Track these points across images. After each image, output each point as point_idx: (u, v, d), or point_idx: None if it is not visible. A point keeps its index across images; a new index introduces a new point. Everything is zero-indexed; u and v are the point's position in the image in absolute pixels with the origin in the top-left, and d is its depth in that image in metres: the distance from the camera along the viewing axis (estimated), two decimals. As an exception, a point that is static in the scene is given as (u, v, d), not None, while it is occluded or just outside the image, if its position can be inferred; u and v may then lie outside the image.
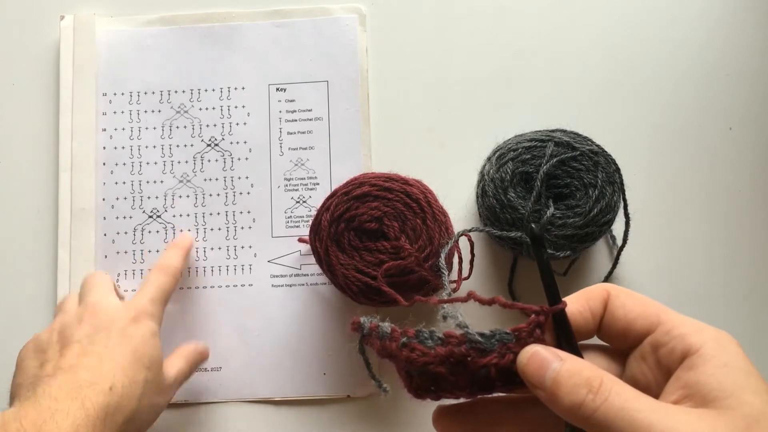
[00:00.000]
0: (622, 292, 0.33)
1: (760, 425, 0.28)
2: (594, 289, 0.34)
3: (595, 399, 0.29)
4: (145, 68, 0.61)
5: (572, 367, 0.30)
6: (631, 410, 0.28)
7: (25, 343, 0.50)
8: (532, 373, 0.31)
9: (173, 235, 0.59)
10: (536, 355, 0.31)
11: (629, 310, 0.32)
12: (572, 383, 0.29)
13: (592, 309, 0.33)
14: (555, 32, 0.61)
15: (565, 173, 0.53)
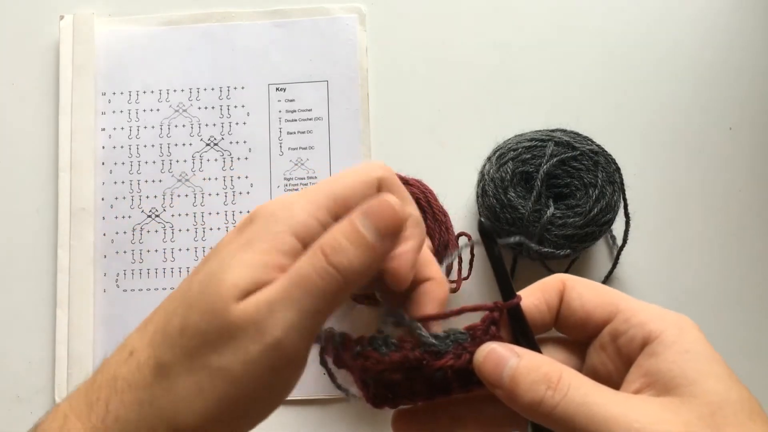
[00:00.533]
0: (578, 283, 0.32)
1: (724, 411, 0.27)
2: (549, 280, 0.33)
3: (554, 395, 0.28)
4: (144, 68, 0.61)
5: (530, 363, 0.29)
6: (592, 404, 0.27)
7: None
8: (489, 371, 0.30)
9: (172, 235, 0.59)
10: (492, 353, 0.30)
11: (586, 300, 0.32)
12: (530, 380, 0.29)
13: (548, 301, 0.32)
14: (555, 32, 0.61)
15: (565, 173, 0.53)
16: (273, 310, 0.28)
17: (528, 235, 0.51)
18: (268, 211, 0.30)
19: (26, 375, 0.58)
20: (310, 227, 0.29)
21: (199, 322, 0.28)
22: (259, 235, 0.29)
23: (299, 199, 0.30)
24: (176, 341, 0.29)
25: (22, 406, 0.57)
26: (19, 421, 0.57)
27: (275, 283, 0.28)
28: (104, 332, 0.57)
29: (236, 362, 0.28)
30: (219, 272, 0.29)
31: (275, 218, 0.30)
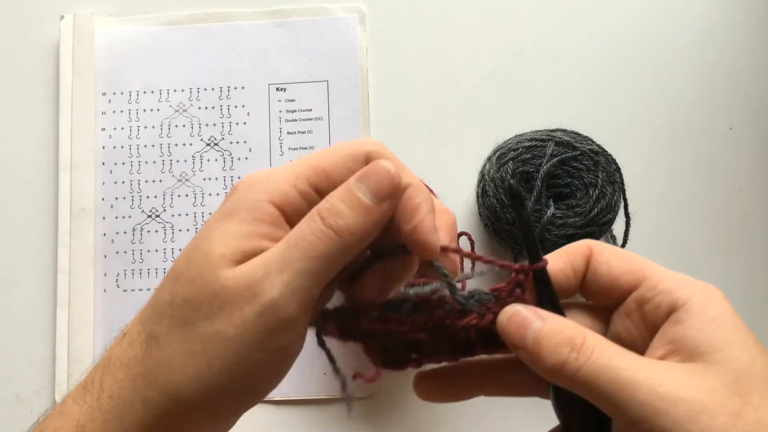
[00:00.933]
0: (605, 248, 0.32)
1: (749, 379, 0.27)
2: (576, 245, 0.33)
3: (578, 358, 0.28)
4: (144, 67, 0.61)
5: (554, 325, 0.29)
6: (616, 368, 0.27)
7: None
8: (513, 333, 0.30)
9: (172, 235, 0.59)
10: (516, 315, 0.30)
11: (613, 266, 0.31)
12: (554, 342, 0.29)
13: (574, 266, 0.32)
14: (555, 32, 0.61)
15: (565, 173, 0.53)
16: (269, 272, 0.28)
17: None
18: (248, 181, 0.30)
19: (26, 375, 0.58)
20: (288, 195, 0.29)
21: (188, 291, 0.28)
22: (239, 205, 0.29)
23: (279, 170, 0.30)
24: (165, 312, 0.29)
25: (22, 406, 0.57)
26: (19, 421, 0.57)
27: (273, 248, 0.28)
28: (104, 332, 0.57)
29: (229, 325, 0.28)
30: (204, 244, 0.29)
31: (253, 187, 0.30)
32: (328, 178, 0.30)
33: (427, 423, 0.56)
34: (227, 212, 0.30)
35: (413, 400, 0.56)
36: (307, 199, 0.30)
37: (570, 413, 0.31)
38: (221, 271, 0.28)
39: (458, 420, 0.56)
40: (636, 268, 0.31)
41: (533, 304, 0.31)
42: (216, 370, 0.28)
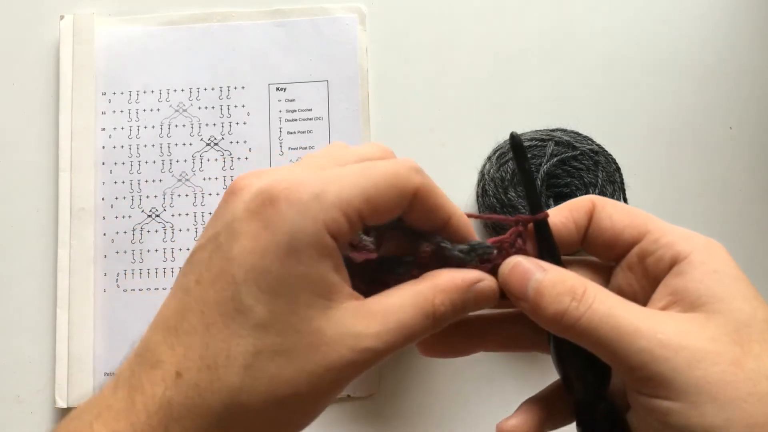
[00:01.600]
0: (608, 203, 0.32)
1: (750, 330, 0.27)
2: (578, 200, 0.33)
3: (578, 307, 0.28)
4: (144, 67, 0.61)
5: (555, 276, 0.29)
6: (617, 316, 0.28)
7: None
8: (515, 283, 0.30)
9: (172, 235, 0.59)
10: (518, 266, 0.30)
11: (616, 220, 0.31)
12: (555, 292, 0.29)
13: (576, 220, 0.32)
14: (555, 32, 0.61)
15: (565, 173, 0.53)
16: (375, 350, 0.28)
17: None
18: (294, 197, 0.27)
19: (26, 375, 0.58)
20: (341, 226, 0.27)
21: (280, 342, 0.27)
22: (299, 237, 0.27)
23: (329, 188, 0.27)
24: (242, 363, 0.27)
25: (22, 406, 0.57)
26: (19, 421, 0.57)
27: (379, 321, 0.28)
28: (104, 332, 0.57)
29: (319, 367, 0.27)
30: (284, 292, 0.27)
31: (306, 210, 0.27)
32: (375, 210, 0.28)
33: (427, 423, 0.56)
34: (289, 248, 0.27)
35: (413, 400, 0.56)
36: (352, 226, 0.28)
37: (569, 365, 0.31)
38: (315, 318, 0.27)
39: (458, 420, 0.56)
40: (639, 222, 0.31)
41: (535, 256, 0.32)
42: (302, 418, 0.28)
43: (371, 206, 0.28)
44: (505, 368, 0.56)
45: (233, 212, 0.28)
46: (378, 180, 0.29)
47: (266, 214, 0.27)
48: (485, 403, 0.56)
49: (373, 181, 0.28)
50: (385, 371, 0.57)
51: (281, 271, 0.27)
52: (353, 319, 0.28)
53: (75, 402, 0.56)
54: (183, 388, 0.27)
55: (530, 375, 0.56)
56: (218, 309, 0.27)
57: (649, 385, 0.27)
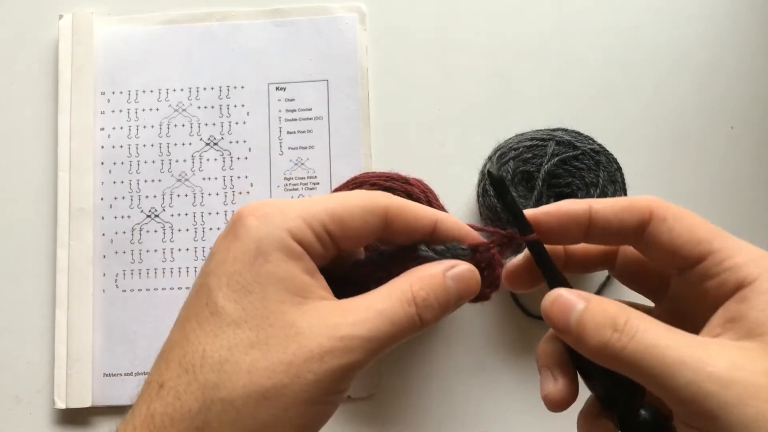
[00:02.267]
0: (670, 214, 0.30)
1: None
2: (638, 203, 0.31)
3: (621, 338, 0.27)
4: (143, 67, 0.61)
5: (596, 306, 0.29)
6: (661, 347, 0.26)
7: None
8: (557, 317, 0.30)
9: (172, 235, 0.59)
10: (559, 299, 0.30)
11: (676, 235, 0.30)
12: (597, 323, 0.28)
13: (625, 222, 0.31)
14: (556, 31, 0.61)
15: (566, 172, 0.53)
16: (357, 335, 0.28)
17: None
18: (259, 213, 0.29)
19: (25, 375, 0.58)
20: (304, 233, 0.29)
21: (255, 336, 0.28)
22: (266, 244, 0.29)
23: (292, 204, 0.30)
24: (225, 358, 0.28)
25: (21, 406, 0.57)
26: (19, 421, 0.57)
27: (360, 310, 0.29)
28: (103, 332, 0.57)
29: (308, 371, 0.27)
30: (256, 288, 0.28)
31: (269, 221, 0.29)
32: (343, 226, 0.30)
33: (427, 423, 0.56)
34: (257, 251, 0.28)
35: (413, 400, 0.56)
36: (320, 240, 0.30)
37: (597, 387, 0.32)
38: (288, 312, 0.28)
39: (458, 420, 0.56)
40: (702, 239, 0.29)
41: (523, 268, 0.33)
42: (292, 414, 0.27)
43: (338, 221, 0.30)
44: (506, 368, 0.56)
45: (216, 240, 0.31)
46: (345, 200, 0.30)
47: (235, 229, 0.29)
48: (485, 404, 0.56)
49: (340, 201, 0.30)
50: (385, 371, 0.57)
51: (251, 271, 0.28)
52: (329, 313, 0.28)
53: (74, 403, 0.56)
54: (164, 398, 0.27)
55: (531, 375, 0.55)
56: (196, 318, 0.28)
57: (697, 420, 0.26)
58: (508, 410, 0.56)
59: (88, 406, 0.56)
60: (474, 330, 0.56)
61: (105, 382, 0.57)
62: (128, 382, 0.56)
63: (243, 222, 0.29)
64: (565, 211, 0.32)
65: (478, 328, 0.56)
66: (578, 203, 0.32)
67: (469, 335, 0.56)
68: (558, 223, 0.33)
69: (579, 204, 0.32)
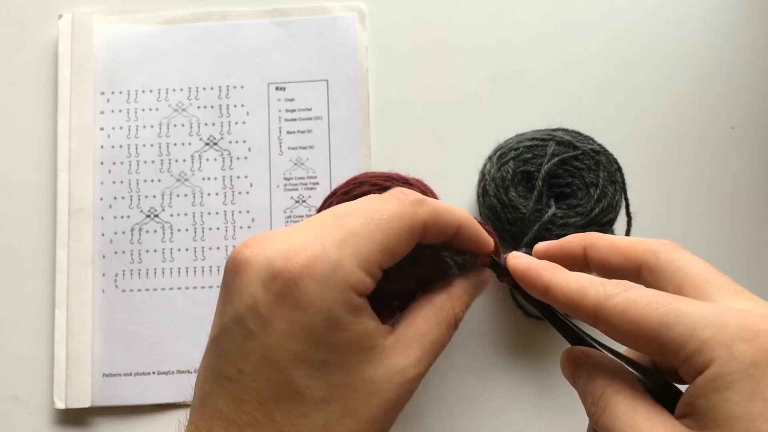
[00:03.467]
0: (660, 271, 0.30)
1: None
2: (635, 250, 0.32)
3: (595, 411, 0.29)
4: (143, 67, 0.61)
5: (589, 373, 0.31)
6: (619, 427, 0.27)
7: None
8: (568, 379, 0.33)
9: (171, 235, 0.59)
10: (569, 356, 0.32)
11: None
12: (584, 392, 0.30)
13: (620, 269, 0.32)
14: (556, 31, 0.61)
15: (566, 172, 0.52)
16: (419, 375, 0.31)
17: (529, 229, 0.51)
18: (313, 275, 0.28)
19: (24, 375, 0.57)
20: (368, 284, 0.29)
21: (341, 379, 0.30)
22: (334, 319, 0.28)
23: (343, 253, 0.28)
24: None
25: (20, 406, 0.57)
26: (18, 420, 0.57)
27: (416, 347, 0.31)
28: (103, 332, 0.57)
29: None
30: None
31: (328, 284, 0.28)
32: (392, 257, 0.30)
33: (428, 423, 0.56)
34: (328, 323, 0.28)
35: (413, 400, 0.56)
36: (375, 279, 0.30)
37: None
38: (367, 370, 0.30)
39: (458, 420, 0.55)
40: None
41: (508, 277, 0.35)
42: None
43: (388, 254, 0.30)
44: (506, 369, 0.56)
45: (252, 293, 0.28)
46: (388, 228, 0.30)
47: (293, 295, 0.27)
48: (485, 404, 0.56)
49: (384, 230, 0.29)
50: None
51: (326, 344, 0.28)
52: (396, 355, 0.30)
53: (73, 403, 0.56)
54: None
55: (531, 375, 0.55)
56: (276, 397, 0.28)
57: None
58: (508, 410, 0.56)
59: (87, 406, 0.56)
60: (474, 330, 0.56)
61: (105, 382, 0.56)
62: (128, 382, 0.56)
63: (300, 286, 0.27)
64: (564, 250, 0.35)
65: (478, 328, 0.56)
66: (575, 243, 0.35)
67: (469, 335, 0.56)
68: (558, 258, 0.35)
69: (575, 244, 0.34)
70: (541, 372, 0.55)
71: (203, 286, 0.58)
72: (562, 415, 0.55)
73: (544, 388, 0.55)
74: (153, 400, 0.56)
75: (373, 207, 0.30)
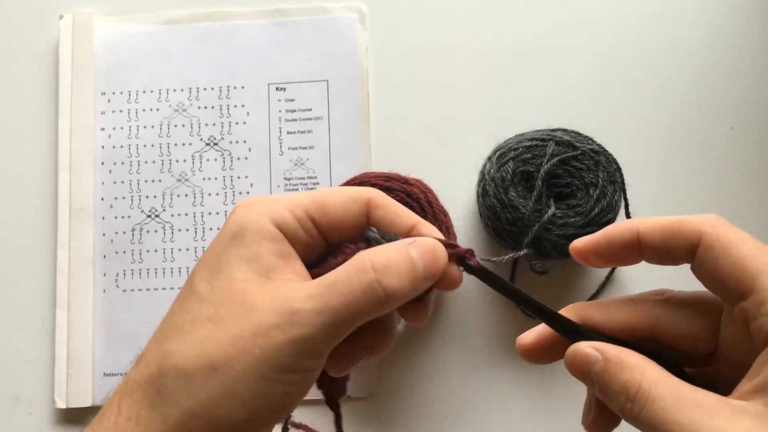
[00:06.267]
0: (719, 242, 0.28)
1: None
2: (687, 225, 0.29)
3: (633, 407, 0.27)
4: (143, 67, 0.61)
5: (612, 368, 0.28)
6: (667, 422, 0.25)
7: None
8: (579, 375, 0.30)
9: (172, 235, 0.59)
10: (579, 355, 0.29)
11: (720, 266, 0.28)
12: (612, 389, 0.28)
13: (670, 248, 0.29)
14: (556, 31, 0.61)
15: (566, 172, 0.53)
16: (305, 308, 0.28)
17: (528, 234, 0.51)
18: (245, 203, 0.32)
19: (25, 375, 0.58)
20: (286, 218, 0.31)
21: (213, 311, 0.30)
22: (245, 227, 0.31)
23: (279, 196, 0.32)
24: (185, 329, 0.30)
25: (21, 406, 0.57)
26: (19, 421, 0.57)
27: (308, 283, 0.29)
28: (104, 332, 0.57)
29: (255, 346, 0.28)
30: (224, 267, 0.30)
31: (253, 209, 0.31)
32: (325, 211, 0.31)
33: (428, 423, 0.56)
34: (234, 234, 0.31)
35: (413, 400, 0.56)
36: (303, 226, 0.31)
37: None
38: (249, 290, 0.29)
39: (458, 420, 0.56)
40: (746, 275, 0.27)
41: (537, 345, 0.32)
42: (239, 388, 0.28)
43: (319, 206, 0.31)
44: (506, 368, 0.56)
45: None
46: (329, 189, 0.32)
47: (229, 221, 0.31)
48: (485, 404, 0.56)
49: (324, 191, 0.32)
50: (385, 371, 0.57)
51: (225, 253, 0.30)
52: (286, 290, 0.29)
53: (74, 402, 0.56)
54: (138, 366, 0.30)
55: (531, 375, 0.56)
56: (179, 297, 0.31)
57: None
58: (508, 410, 0.56)
59: (88, 406, 0.56)
60: (474, 330, 0.56)
61: (105, 381, 0.57)
62: (128, 382, 0.57)
63: (233, 212, 0.32)
64: (614, 238, 0.31)
65: (478, 328, 0.57)
66: (625, 229, 0.31)
67: (469, 335, 0.56)
68: (610, 251, 0.32)
69: (626, 229, 0.31)
70: (541, 371, 0.56)
71: (204, 285, 0.58)
72: (561, 414, 0.55)
73: (543, 387, 0.55)
74: (154, 399, 0.56)
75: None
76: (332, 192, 0.32)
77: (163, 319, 0.32)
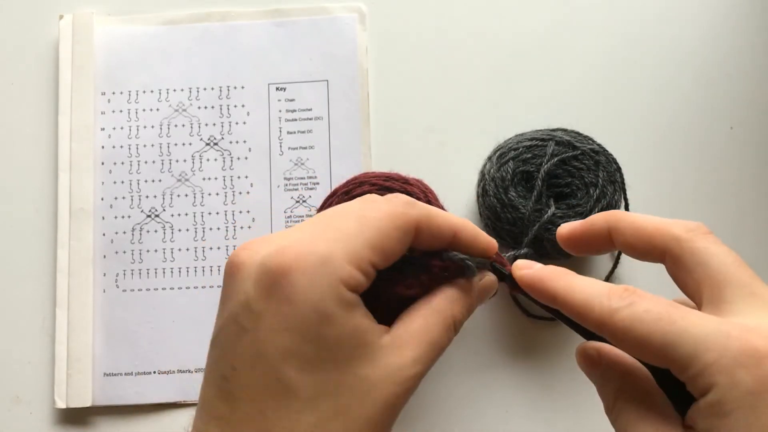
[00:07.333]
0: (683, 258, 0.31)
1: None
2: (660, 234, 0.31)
3: (610, 416, 0.31)
4: (143, 67, 0.61)
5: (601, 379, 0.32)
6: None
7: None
8: (586, 374, 0.33)
9: (172, 235, 0.59)
10: (583, 354, 0.33)
11: (682, 283, 0.30)
12: (600, 394, 0.32)
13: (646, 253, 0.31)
14: (556, 31, 0.61)
15: (566, 172, 0.53)
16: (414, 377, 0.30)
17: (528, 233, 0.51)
18: (300, 268, 0.28)
19: (25, 375, 0.58)
20: (358, 279, 0.29)
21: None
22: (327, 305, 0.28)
23: (332, 247, 0.28)
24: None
25: (21, 406, 0.57)
26: (19, 421, 0.57)
27: (413, 347, 0.30)
28: (104, 332, 0.57)
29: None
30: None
31: (316, 278, 0.28)
32: (384, 255, 0.30)
33: (428, 423, 0.56)
34: (319, 318, 0.28)
35: (414, 400, 0.56)
36: (368, 278, 0.29)
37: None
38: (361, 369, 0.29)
39: (459, 420, 0.56)
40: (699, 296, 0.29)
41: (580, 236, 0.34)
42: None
43: (379, 252, 0.29)
44: (506, 369, 0.56)
45: (245, 290, 0.28)
46: (379, 225, 0.30)
47: (282, 289, 0.27)
48: (485, 404, 0.56)
49: (375, 227, 0.29)
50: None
51: (318, 340, 0.27)
52: (392, 354, 0.29)
53: (74, 402, 0.56)
54: None
55: (531, 375, 0.56)
56: (267, 393, 0.27)
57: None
58: (508, 410, 0.56)
59: (88, 406, 0.56)
60: (474, 330, 0.56)
61: (105, 381, 0.57)
62: (128, 382, 0.57)
63: (290, 281, 0.27)
64: (589, 232, 0.34)
65: (479, 328, 0.57)
66: (599, 224, 0.33)
67: (470, 335, 0.56)
68: (584, 240, 0.34)
69: (599, 225, 0.33)
70: (541, 371, 0.56)
71: (204, 286, 0.58)
72: (562, 414, 0.55)
73: (544, 387, 0.55)
74: (153, 399, 0.56)
75: (366, 207, 0.30)
76: (384, 229, 0.29)
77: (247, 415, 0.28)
